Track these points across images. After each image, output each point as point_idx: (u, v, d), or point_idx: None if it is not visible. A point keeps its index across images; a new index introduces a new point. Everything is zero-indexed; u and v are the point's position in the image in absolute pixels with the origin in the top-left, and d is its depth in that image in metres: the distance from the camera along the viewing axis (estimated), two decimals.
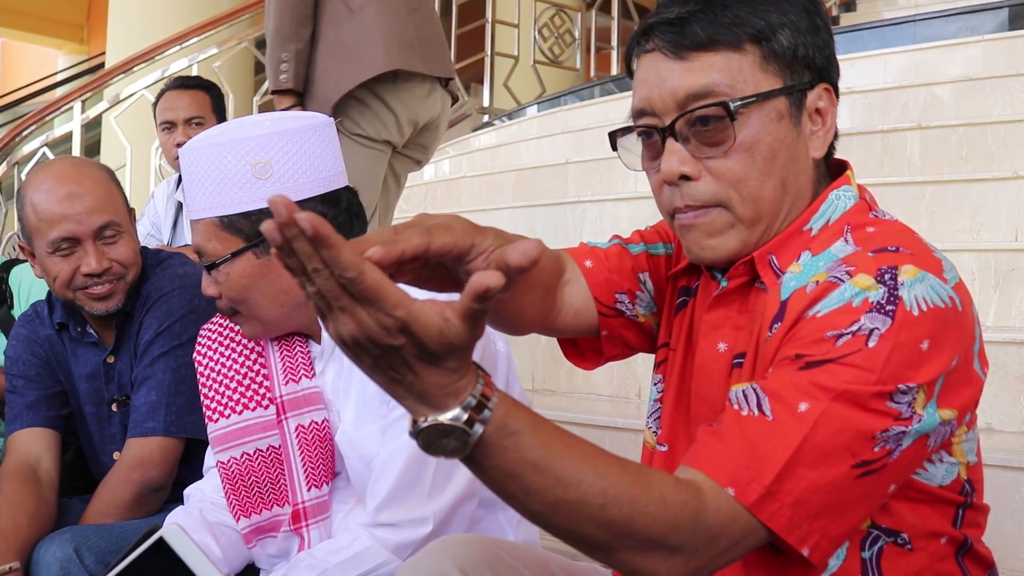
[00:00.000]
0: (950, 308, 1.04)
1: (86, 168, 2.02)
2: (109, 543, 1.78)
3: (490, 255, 0.93)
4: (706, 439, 1.03)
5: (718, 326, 1.20)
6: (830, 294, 1.05)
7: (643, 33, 1.16)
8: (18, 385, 2.07)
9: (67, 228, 1.93)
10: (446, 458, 0.88)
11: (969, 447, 1.14)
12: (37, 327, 2.12)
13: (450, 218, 0.92)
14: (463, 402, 0.86)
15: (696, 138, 1.12)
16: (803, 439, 0.99)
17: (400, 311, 0.80)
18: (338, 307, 0.80)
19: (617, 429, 2.32)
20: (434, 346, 0.82)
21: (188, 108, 3.33)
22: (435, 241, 0.88)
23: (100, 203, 1.96)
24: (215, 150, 1.58)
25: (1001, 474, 1.80)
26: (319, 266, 0.78)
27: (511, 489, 0.92)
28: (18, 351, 2.10)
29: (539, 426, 0.91)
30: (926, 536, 1.13)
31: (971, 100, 3.50)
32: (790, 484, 0.98)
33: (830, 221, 1.15)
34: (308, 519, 1.65)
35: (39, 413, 2.04)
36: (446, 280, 0.98)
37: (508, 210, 3.84)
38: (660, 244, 1.35)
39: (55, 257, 1.96)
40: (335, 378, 1.68)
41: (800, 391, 1.00)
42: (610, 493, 0.93)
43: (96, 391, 2.08)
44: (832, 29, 1.19)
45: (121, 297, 2.00)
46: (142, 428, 1.94)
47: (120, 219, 1.99)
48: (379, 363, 0.84)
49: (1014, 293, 2.36)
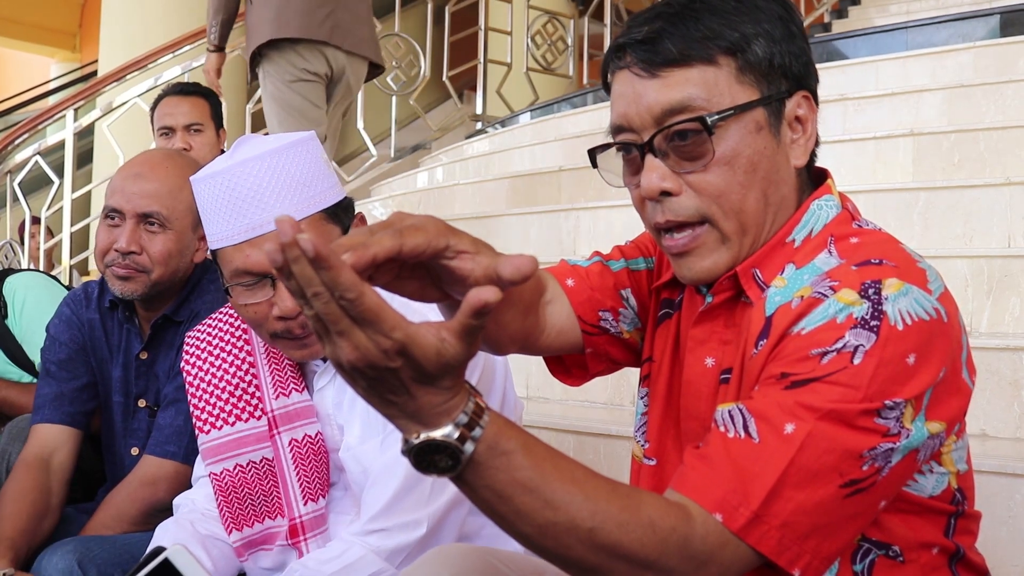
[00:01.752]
0: (935, 320, 1.03)
1: (172, 160, 2.07)
2: (112, 555, 1.79)
3: (475, 259, 0.92)
4: (693, 462, 1.03)
5: (704, 341, 1.19)
6: (814, 310, 1.04)
7: (616, 50, 1.16)
8: (51, 370, 2.11)
9: (116, 200, 1.99)
10: (438, 476, 0.88)
11: (959, 455, 1.14)
12: (81, 308, 2.15)
13: (424, 219, 0.91)
14: (455, 419, 0.86)
15: (675, 153, 1.11)
16: (790, 461, 0.98)
17: (398, 333, 0.80)
18: (336, 331, 0.81)
19: (611, 437, 2.32)
20: (431, 367, 0.82)
21: (187, 115, 3.34)
22: (407, 242, 0.87)
23: (158, 192, 1.99)
24: (297, 147, 1.57)
25: (995, 480, 1.81)
26: (319, 289, 0.79)
27: (501, 510, 0.92)
28: (59, 330, 2.14)
29: (531, 447, 0.91)
30: (918, 547, 1.13)
31: (963, 107, 3.50)
32: (777, 507, 0.98)
33: (813, 232, 1.15)
34: (306, 533, 1.64)
35: (61, 409, 2.07)
36: (424, 283, 0.97)
37: (502, 217, 3.84)
38: (641, 259, 1.34)
39: (103, 224, 2.02)
40: (337, 393, 1.67)
41: (786, 412, 1.00)
42: (599, 517, 0.93)
43: (126, 382, 2.10)
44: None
45: (137, 288, 2.00)
46: (163, 449, 1.95)
47: (171, 216, 2.00)
48: (375, 385, 0.85)
49: (1007, 299, 2.37)
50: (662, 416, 1.26)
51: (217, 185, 1.56)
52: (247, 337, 1.76)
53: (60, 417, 2.06)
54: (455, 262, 0.93)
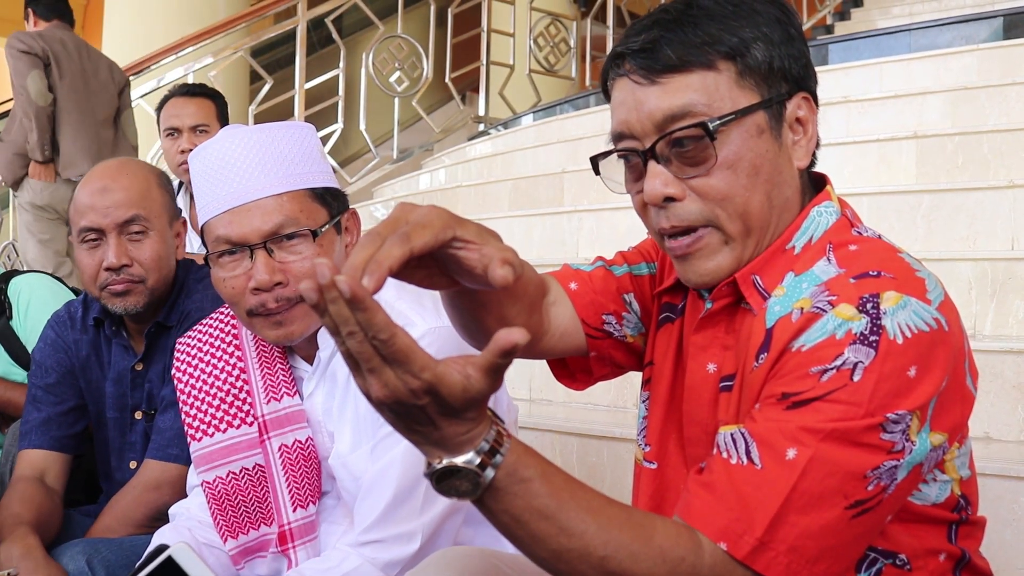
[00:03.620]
0: (936, 330, 1.03)
1: (129, 166, 2.04)
2: (120, 556, 1.79)
3: (481, 251, 0.94)
4: (697, 489, 1.04)
5: (705, 347, 1.19)
6: (813, 325, 1.04)
7: (615, 58, 1.16)
8: (38, 395, 2.09)
9: (92, 219, 1.95)
10: (458, 499, 0.92)
11: (961, 462, 1.14)
12: (66, 330, 2.13)
13: (429, 211, 0.92)
14: (477, 447, 0.90)
15: (677, 159, 1.11)
16: (792, 487, 0.99)
17: (427, 374, 0.84)
18: (367, 368, 0.85)
19: (614, 439, 2.31)
20: (457, 403, 0.86)
21: (194, 116, 3.34)
22: (416, 244, 0.88)
23: (130, 199, 1.97)
24: (290, 128, 1.59)
25: (999, 483, 1.80)
26: (354, 329, 0.82)
27: (519, 533, 0.95)
28: (44, 355, 2.12)
29: (549, 475, 0.95)
30: (924, 555, 1.13)
31: (966, 109, 3.50)
32: (783, 532, 0.98)
33: (812, 239, 1.15)
34: (295, 540, 1.63)
35: (48, 434, 2.06)
36: (432, 272, 0.99)
37: (505, 219, 3.84)
38: (643, 264, 1.35)
39: (83, 248, 1.98)
40: (326, 399, 1.66)
41: (787, 437, 1.00)
42: (611, 546, 0.96)
43: (121, 396, 2.08)
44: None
45: (138, 300, 1.98)
46: (165, 453, 1.94)
47: (149, 217, 1.98)
48: (401, 417, 0.88)
49: (1011, 302, 2.36)
50: (663, 420, 1.27)
51: (208, 156, 1.59)
52: (238, 343, 1.75)
53: (48, 443, 2.05)
54: (462, 252, 0.94)
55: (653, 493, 1.26)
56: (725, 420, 1.14)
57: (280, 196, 1.56)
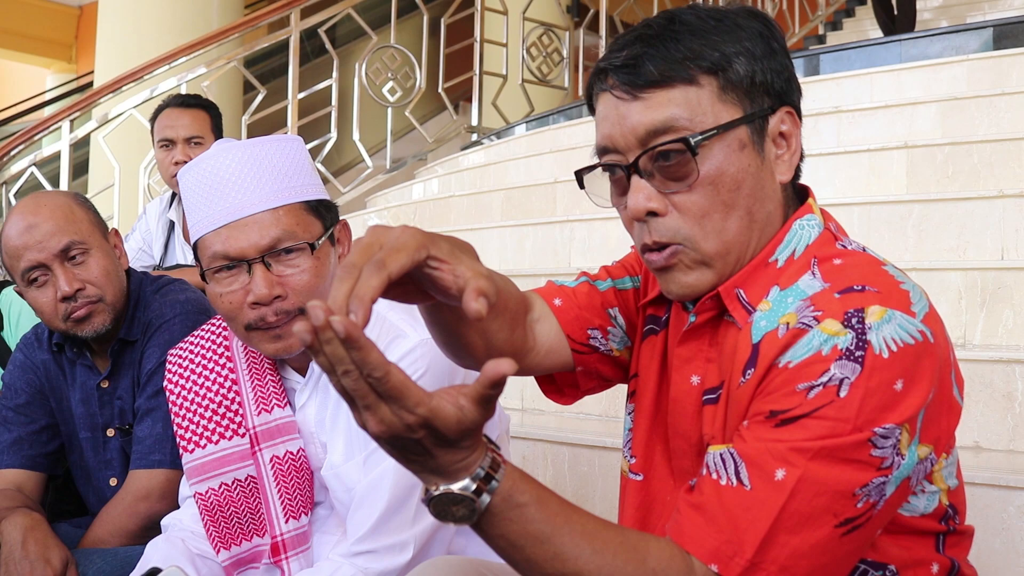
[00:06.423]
0: (921, 343, 1.03)
1: (44, 198, 2.03)
2: (113, 567, 1.80)
3: (455, 271, 0.96)
4: (687, 511, 1.04)
5: (690, 360, 1.20)
6: (799, 341, 1.04)
7: (598, 73, 1.16)
8: (8, 417, 2.09)
9: (31, 257, 1.95)
10: (455, 524, 0.94)
11: (949, 472, 1.14)
12: (34, 352, 2.12)
13: (401, 233, 0.94)
14: (472, 473, 0.92)
15: (660, 173, 1.11)
16: (781, 508, 0.99)
17: (421, 409, 0.86)
18: (363, 405, 0.86)
19: (605, 448, 2.31)
20: (452, 434, 0.88)
21: (188, 127, 3.32)
22: (392, 269, 0.90)
23: (58, 227, 1.96)
24: (281, 141, 1.60)
25: (988, 492, 1.81)
26: (349, 367, 0.84)
27: (515, 557, 0.97)
28: (13, 377, 2.11)
29: (544, 500, 0.96)
30: (914, 565, 1.13)
31: (956, 119, 3.51)
32: (773, 552, 0.99)
33: (796, 253, 1.15)
34: (288, 551, 1.63)
35: (20, 453, 2.06)
36: (407, 289, 1.01)
37: (497, 229, 3.84)
38: (627, 278, 1.35)
39: (33, 290, 1.98)
40: (319, 410, 1.67)
41: (776, 457, 1.00)
42: (605, 570, 0.98)
43: (90, 416, 2.07)
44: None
45: (104, 319, 1.99)
46: (148, 460, 1.94)
47: (84, 238, 1.99)
48: (399, 449, 0.91)
49: (1000, 311, 2.37)
50: (649, 432, 1.27)
51: (200, 172, 1.58)
52: (229, 355, 1.75)
53: (21, 461, 2.06)
54: (436, 272, 0.97)
55: (639, 505, 1.27)
56: (711, 433, 1.14)
57: (276, 210, 1.57)
